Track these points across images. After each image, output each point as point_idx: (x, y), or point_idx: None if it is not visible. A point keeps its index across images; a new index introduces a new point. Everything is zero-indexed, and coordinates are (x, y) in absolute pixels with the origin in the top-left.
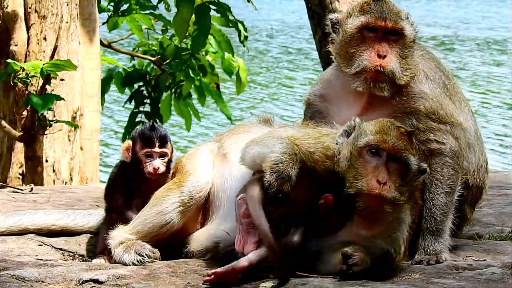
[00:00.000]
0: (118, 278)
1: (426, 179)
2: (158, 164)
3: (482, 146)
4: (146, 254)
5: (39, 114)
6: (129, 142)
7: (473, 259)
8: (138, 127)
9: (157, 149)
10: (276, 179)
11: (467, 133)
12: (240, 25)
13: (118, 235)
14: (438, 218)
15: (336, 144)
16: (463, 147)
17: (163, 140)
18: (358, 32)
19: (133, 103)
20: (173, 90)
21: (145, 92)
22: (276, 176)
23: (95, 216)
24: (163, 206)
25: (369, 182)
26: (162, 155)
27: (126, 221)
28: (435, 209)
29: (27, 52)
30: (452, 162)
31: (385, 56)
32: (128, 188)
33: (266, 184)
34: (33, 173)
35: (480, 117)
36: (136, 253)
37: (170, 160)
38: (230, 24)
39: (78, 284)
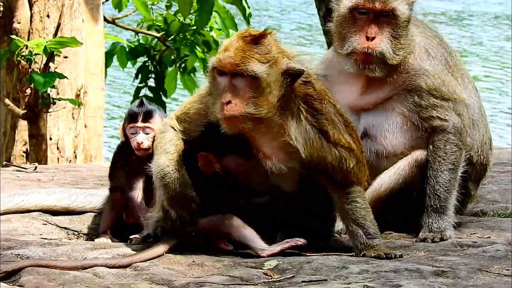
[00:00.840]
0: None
1: (429, 157)
2: (141, 138)
3: (486, 123)
4: None
5: (41, 92)
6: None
7: (478, 236)
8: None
9: (139, 124)
10: (172, 192)
11: (470, 109)
12: (244, 2)
13: None
14: (442, 196)
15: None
16: (466, 123)
17: (148, 115)
18: (349, 13)
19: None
20: (178, 65)
21: (150, 67)
22: (169, 192)
23: (97, 197)
24: None
25: (218, 106)
26: (148, 131)
27: (129, 200)
28: (439, 186)
29: (30, 30)
30: (455, 139)
31: (373, 38)
32: (129, 167)
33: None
34: (37, 151)
35: (493, 92)
36: None
37: None
38: (233, 2)
39: None
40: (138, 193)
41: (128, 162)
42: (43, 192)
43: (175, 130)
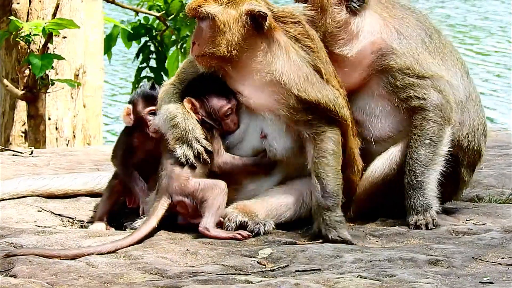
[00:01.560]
0: None
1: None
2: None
3: (479, 108)
4: None
5: (37, 76)
6: (128, 106)
7: (473, 223)
8: (136, 91)
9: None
10: None
11: (454, 88)
12: None
13: None
14: (417, 171)
15: None
16: (451, 99)
17: None
18: None
19: (139, 59)
20: (179, 45)
21: (152, 47)
22: (178, 131)
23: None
24: None
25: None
26: None
27: (131, 185)
28: (413, 162)
29: (29, 10)
30: (433, 115)
31: None
32: (133, 156)
33: None
34: (36, 132)
35: (500, 67)
36: None
37: None
38: None
39: None
40: (139, 178)
41: (133, 149)
42: (67, 177)
43: (174, 85)
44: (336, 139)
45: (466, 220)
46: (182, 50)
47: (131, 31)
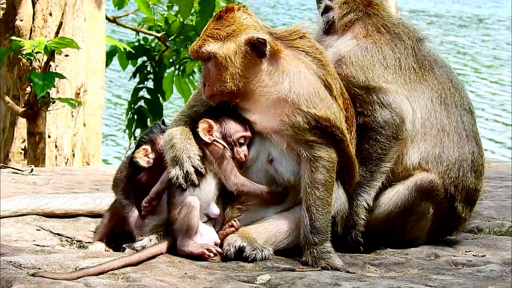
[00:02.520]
0: None
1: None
2: None
3: (464, 143)
4: None
5: (38, 96)
6: (144, 147)
7: (473, 255)
8: (148, 131)
9: None
10: None
11: (411, 107)
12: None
13: None
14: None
15: None
16: (404, 115)
17: None
18: None
19: (137, 78)
20: (177, 67)
21: (149, 68)
22: (173, 151)
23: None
24: None
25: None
26: None
27: (126, 213)
28: None
29: (32, 28)
30: (383, 134)
31: None
32: (136, 189)
33: None
34: (35, 149)
35: None
36: None
37: None
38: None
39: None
40: (134, 209)
41: (139, 183)
42: (68, 197)
43: (183, 113)
44: (330, 167)
45: (466, 252)
46: (180, 72)
47: (132, 50)
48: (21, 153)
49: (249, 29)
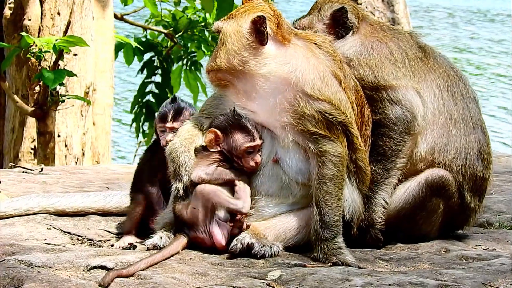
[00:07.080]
0: (126, 265)
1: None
2: (170, 137)
3: (471, 131)
4: None
5: (50, 90)
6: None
7: (483, 249)
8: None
9: (168, 124)
10: None
11: (422, 99)
12: None
13: None
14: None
15: None
16: (415, 110)
17: (177, 115)
18: None
19: (144, 73)
20: (185, 61)
21: (156, 63)
22: (173, 165)
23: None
24: None
25: None
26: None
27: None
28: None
29: (41, 27)
30: (396, 130)
31: None
32: (153, 166)
33: None
34: (45, 148)
35: None
36: None
37: None
38: None
39: (85, 270)
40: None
41: (152, 161)
42: (78, 195)
43: (196, 121)
44: (337, 161)
45: (476, 246)
46: (187, 66)
47: (140, 47)
48: (31, 152)
49: (256, 12)
